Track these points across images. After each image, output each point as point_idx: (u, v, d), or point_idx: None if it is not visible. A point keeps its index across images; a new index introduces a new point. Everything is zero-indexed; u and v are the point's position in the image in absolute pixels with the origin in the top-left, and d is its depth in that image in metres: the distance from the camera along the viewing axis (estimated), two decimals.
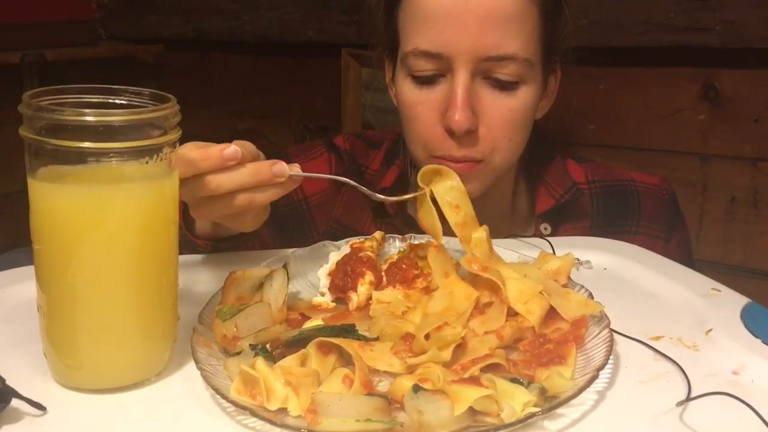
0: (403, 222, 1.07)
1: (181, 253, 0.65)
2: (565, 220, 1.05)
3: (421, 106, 0.94)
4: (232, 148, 0.69)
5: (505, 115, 0.92)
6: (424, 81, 0.93)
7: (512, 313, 0.67)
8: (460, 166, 0.93)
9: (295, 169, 0.72)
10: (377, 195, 0.80)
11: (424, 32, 0.90)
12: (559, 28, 0.96)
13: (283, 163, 0.71)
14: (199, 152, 0.68)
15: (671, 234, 1.07)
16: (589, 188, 1.08)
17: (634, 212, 1.07)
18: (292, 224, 1.09)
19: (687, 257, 1.09)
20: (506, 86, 0.91)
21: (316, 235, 1.09)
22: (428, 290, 0.74)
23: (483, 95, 0.91)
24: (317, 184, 1.10)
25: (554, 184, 1.05)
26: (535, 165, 1.06)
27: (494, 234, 1.04)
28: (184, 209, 0.82)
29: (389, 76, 1.04)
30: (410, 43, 0.92)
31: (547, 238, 0.93)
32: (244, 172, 0.70)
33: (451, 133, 0.91)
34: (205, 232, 0.86)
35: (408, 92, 0.95)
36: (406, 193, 1.07)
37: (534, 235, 1.04)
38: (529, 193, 1.08)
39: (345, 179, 0.79)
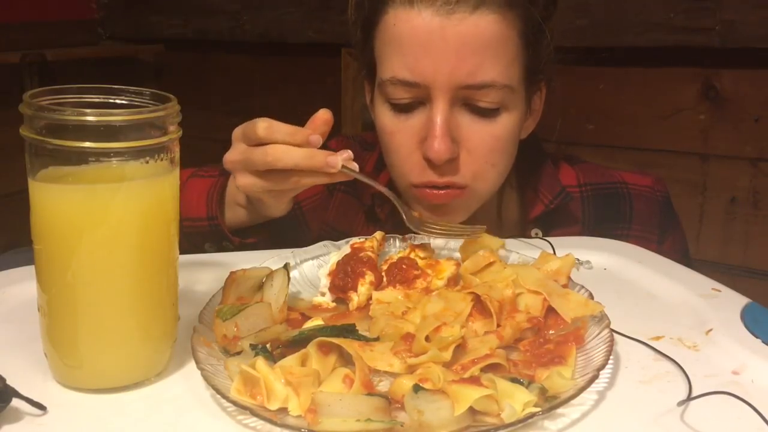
0: (395, 227, 1.03)
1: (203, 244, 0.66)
2: (556, 225, 1.04)
3: (399, 134, 0.91)
4: (317, 137, 0.76)
5: (487, 142, 0.89)
6: (402, 108, 0.90)
7: (512, 314, 0.67)
8: (443, 194, 0.91)
9: (351, 164, 0.77)
10: (412, 215, 0.82)
11: (401, 60, 0.87)
12: (542, 50, 0.93)
13: (337, 157, 0.76)
14: (289, 127, 0.77)
15: (664, 236, 1.07)
16: (581, 192, 1.06)
17: (625, 216, 1.06)
18: (286, 229, 1.09)
19: (682, 259, 1.08)
20: (487, 113, 0.88)
21: (309, 239, 1.08)
22: (428, 290, 0.74)
23: (463, 122, 0.88)
24: (310, 188, 1.10)
25: (544, 189, 1.03)
26: (525, 171, 1.05)
27: None
28: (219, 204, 0.92)
29: (368, 98, 1.01)
30: (387, 71, 0.89)
31: (547, 238, 0.93)
32: (300, 153, 0.76)
33: (429, 162, 0.89)
34: (232, 224, 0.92)
35: (386, 120, 0.92)
36: (398, 195, 1.08)
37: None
38: (519, 199, 1.07)
39: (390, 193, 0.83)
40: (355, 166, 0.78)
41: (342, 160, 0.76)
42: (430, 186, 0.91)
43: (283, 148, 0.76)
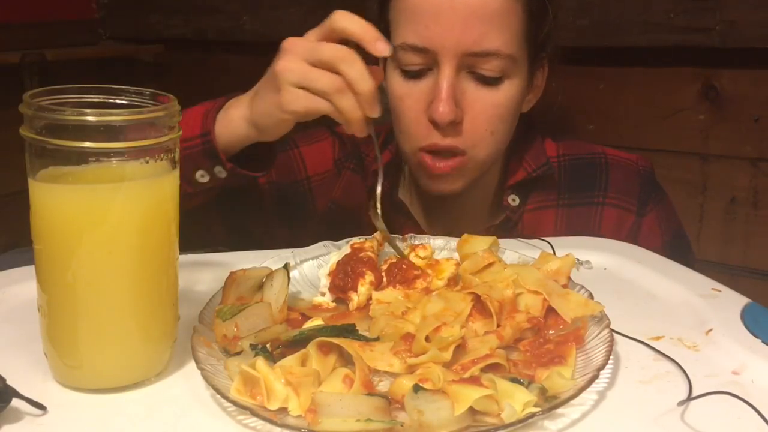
0: (391, 205, 1.10)
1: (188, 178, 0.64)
2: (533, 191, 1.08)
3: (408, 98, 0.97)
4: (389, 47, 0.77)
5: (488, 109, 0.95)
6: (412, 75, 0.95)
7: (512, 314, 0.67)
8: (442, 165, 0.96)
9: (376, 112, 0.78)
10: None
11: (412, 27, 0.93)
12: (544, 25, 0.98)
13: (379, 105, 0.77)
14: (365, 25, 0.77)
15: (645, 209, 1.07)
16: (558, 161, 1.10)
17: (601, 183, 1.08)
18: (293, 202, 1.12)
19: (673, 239, 1.09)
20: (490, 81, 0.94)
21: (315, 214, 1.13)
22: (428, 291, 0.74)
23: (467, 89, 0.94)
24: (320, 165, 1.15)
25: (529, 158, 1.07)
26: (514, 144, 1.07)
27: (479, 221, 1.06)
28: (215, 122, 0.88)
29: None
30: (399, 37, 0.95)
31: (547, 239, 0.93)
32: (365, 72, 0.76)
33: (435, 124, 0.94)
34: (223, 138, 0.88)
35: (396, 84, 0.98)
36: (396, 175, 1.12)
37: (503, 207, 1.07)
38: (503, 165, 1.10)
39: (381, 171, 0.85)
40: (378, 112, 0.79)
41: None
42: (433, 149, 0.96)
43: (355, 57, 0.76)
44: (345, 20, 0.77)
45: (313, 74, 0.78)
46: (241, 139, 0.88)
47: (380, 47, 0.76)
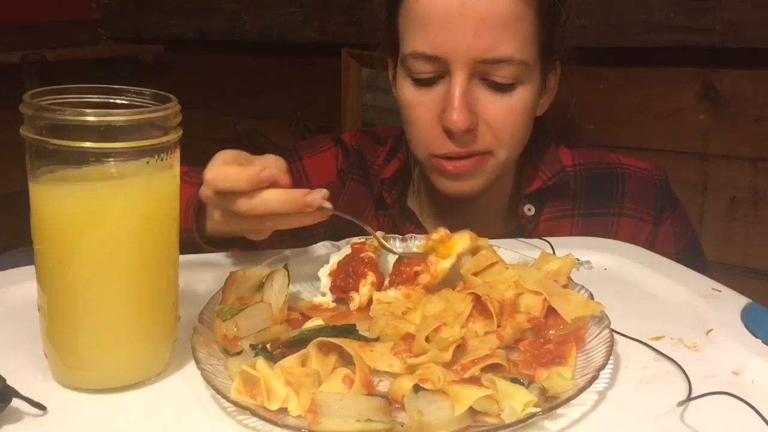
0: (401, 213, 1.10)
1: (183, 253, 0.65)
2: (548, 201, 1.07)
3: (419, 107, 0.95)
4: (268, 172, 0.70)
5: (503, 115, 0.93)
6: (423, 83, 0.94)
7: (512, 314, 0.67)
8: (464, 163, 0.94)
9: (325, 203, 0.72)
10: (394, 249, 0.79)
11: (422, 35, 0.91)
12: (557, 28, 0.97)
13: (316, 195, 0.71)
14: (237, 171, 0.70)
15: (660, 219, 1.07)
16: (575, 170, 1.09)
17: (617, 193, 1.07)
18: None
19: (683, 244, 1.08)
20: (503, 87, 0.92)
21: (319, 227, 1.10)
22: (433, 281, 0.74)
23: (480, 96, 0.92)
24: (323, 177, 1.13)
25: (544, 167, 1.06)
26: (527, 149, 1.06)
27: (491, 230, 1.05)
28: (197, 211, 0.85)
29: (391, 74, 1.05)
30: (409, 46, 0.94)
31: (547, 238, 0.93)
32: (277, 199, 0.71)
33: (449, 133, 0.93)
34: (213, 234, 0.85)
35: (407, 93, 0.96)
36: (405, 183, 1.10)
37: (517, 216, 1.06)
38: (518, 174, 1.09)
39: (370, 229, 0.78)
40: (329, 205, 0.73)
41: (320, 197, 0.71)
42: (450, 156, 0.94)
43: (260, 197, 0.70)
44: (228, 184, 0.70)
45: (247, 225, 0.74)
46: (231, 235, 0.84)
47: (264, 177, 0.70)
